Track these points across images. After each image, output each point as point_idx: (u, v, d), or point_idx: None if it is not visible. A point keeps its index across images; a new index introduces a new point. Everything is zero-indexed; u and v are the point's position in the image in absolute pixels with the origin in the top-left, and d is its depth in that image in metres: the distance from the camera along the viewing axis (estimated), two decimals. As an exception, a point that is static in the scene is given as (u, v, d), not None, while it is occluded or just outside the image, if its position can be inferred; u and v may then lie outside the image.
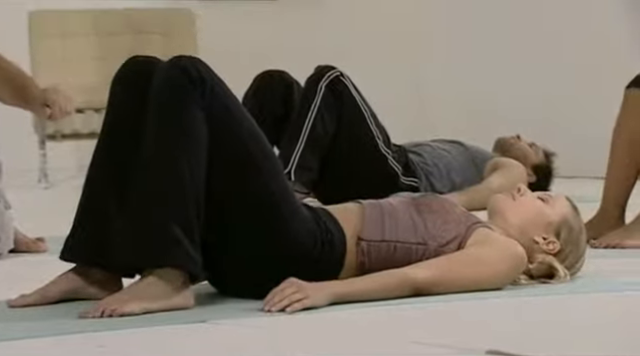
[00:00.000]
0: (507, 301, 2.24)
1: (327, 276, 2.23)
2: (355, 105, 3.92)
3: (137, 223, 2.13)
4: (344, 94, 3.91)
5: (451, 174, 4.10)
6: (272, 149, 2.26)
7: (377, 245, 2.26)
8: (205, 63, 2.20)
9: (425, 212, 2.31)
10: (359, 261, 2.25)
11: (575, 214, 2.42)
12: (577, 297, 2.29)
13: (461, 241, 2.29)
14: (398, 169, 3.97)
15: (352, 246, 2.25)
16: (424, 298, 2.22)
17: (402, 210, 2.31)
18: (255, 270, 2.21)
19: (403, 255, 2.26)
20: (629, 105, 3.19)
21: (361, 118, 3.92)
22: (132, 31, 5.50)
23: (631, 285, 2.39)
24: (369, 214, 2.28)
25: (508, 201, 2.40)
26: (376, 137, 3.93)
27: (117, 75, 2.27)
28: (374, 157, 3.93)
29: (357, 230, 2.26)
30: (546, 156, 4.33)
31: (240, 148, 2.18)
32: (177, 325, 2.05)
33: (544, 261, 2.37)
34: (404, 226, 2.28)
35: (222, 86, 2.19)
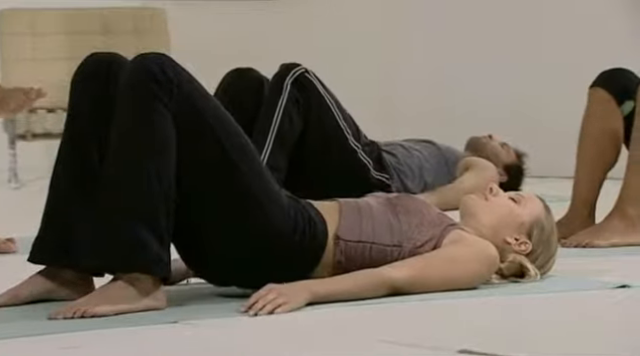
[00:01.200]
0: (478, 300, 2.25)
1: (305, 266, 2.23)
2: (322, 101, 3.92)
3: (103, 227, 2.12)
4: (310, 90, 3.91)
5: (423, 174, 4.11)
6: (247, 139, 2.23)
7: (354, 245, 2.26)
8: (172, 60, 2.17)
9: (401, 213, 2.32)
10: (336, 259, 2.26)
11: (547, 214, 2.43)
12: (547, 296, 2.30)
13: (436, 243, 2.31)
14: (369, 163, 3.98)
15: (331, 243, 2.26)
16: (397, 297, 2.23)
17: (379, 211, 2.31)
18: (236, 257, 2.21)
19: (378, 256, 2.27)
20: (593, 104, 3.22)
21: (329, 113, 3.92)
22: (104, 30, 5.48)
23: (600, 284, 2.41)
24: (346, 213, 2.29)
25: (480, 201, 2.41)
26: (345, 131, 3.94)
27: (77, 73, 2.25)
28: (343, 151, 3.94)
29: (335, 229, 2.27)
30: (517, 156, 4.35)
31: (212, 142, 2.17)
32: (149, 326, 2.04)
33: (515, 260, 2.39)
34: (380, 227, 2.29)
35: (190, 82, 2.17)
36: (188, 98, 2.15)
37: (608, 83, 3.21)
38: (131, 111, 2.14)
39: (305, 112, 3.91)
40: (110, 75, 2.21)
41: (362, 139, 3.99)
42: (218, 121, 2.18)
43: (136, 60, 2.17)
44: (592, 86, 3.25)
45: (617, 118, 3.20)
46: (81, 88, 2.23)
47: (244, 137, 2.22)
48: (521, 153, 4.37)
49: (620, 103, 3.21)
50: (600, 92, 3.21)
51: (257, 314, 2.11)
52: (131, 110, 2.14)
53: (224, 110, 2.22)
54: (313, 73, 3.96)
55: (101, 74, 2.22)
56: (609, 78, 3.22)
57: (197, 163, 2.17)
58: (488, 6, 5.53)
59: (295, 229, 2.21)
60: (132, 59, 2.18)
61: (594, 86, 3.24)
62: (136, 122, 2.13)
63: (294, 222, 2.21)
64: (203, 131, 2.17)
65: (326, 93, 3.94)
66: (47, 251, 2.23)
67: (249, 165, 2.20)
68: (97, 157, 2.21)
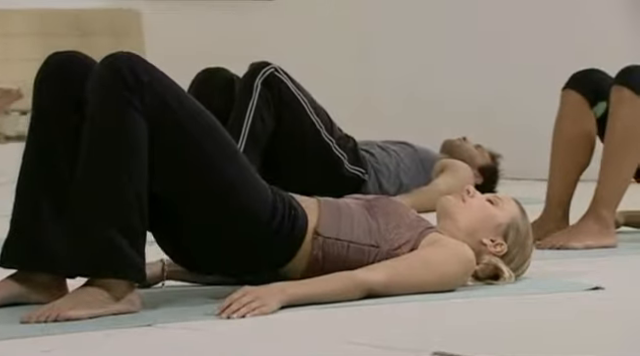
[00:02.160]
0: (453, 302, 2.26)
1: (281, 256, 2.23)
2: (293, 98, 3.93)
3: (77, 232, 2.11)
4: (281, 89, 3.92)
5: (400, 174, 4.12)
6: (223, 131, 2.22)
7: (332, 242, 2.26)
8: (142, 59, 2.15)
9: (379, 215, 2.32)
10: (313, 254, 2.25)
11: (523, 216, 2.44)
12: (521, 298, 2.31)
13: (413, 245, 2.31)
14: (343, 156, 3.99)
15: (309, 237, 2.26)
16: (372, 300, 2.23)
17: (357, 211, 2.32)
18: (213, 244, 2.20)
19: (355, 255, 2.27)
20: (566, 106, 3.24)
21: (301, 110, 3.93)
22: (78, 32, 5.45)
23: (574, 285, 2.42)
24: (326, 211, 2.29)
25: (457, 203, 2.41)
26: (318, 126, 3.94)
27: (39, 73, 2.22)
28: (317, 146, 3.95)
29: (314, 224, 2.27)
30: (492, 158, 4.37)
31: (187, 139, 2.15)
32: (123, 329, 2.04)
33: (490, 262, 2.39)
34: (359, 227, 2.29)
35: (162, 81, 2.15)
36: (160, 98, 2.14)
37: (580, 85, 3.23)
38: (102, 115, 2.13)
39: (277, 111, 3.91)
40: (73, 74, 2.19)
41: (336, 132, 4.00)
42: (191, 116, 2.17)
43: (105, 61, 2.15)
44: (564, 88, 3.27)
45: (590, 120, 3.22)
46: (44, 88, 2.21)
47: (219, 129, 2.20)
48: (495, 155, 4.38)
49: (592, 105, 3.23)
50: (572, 94, 3.23)
51: (230, 317, 2.10)
52: (102, 114, 2.13)
53: (198, 104, 2.20)
54: (283, 71, 3.96)
55: (63, 73, 2.20)
56: (581, 80, 3.24)
57: (173, 160, 2.15)
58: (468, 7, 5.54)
59: (273, 217, 2.20)
60: (101, 60, 2.16)
61: (566, 88, 3.26)
62: (107, 126, 2.12)
63: (272, 210, 2.21)
64: (177, 129, 2.15)
65: (297, 90, 3.95)
66: (17, 255, 2.22)
67: (226, 156, 2.18)
68: (64, 159, 2.19)
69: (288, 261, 2.25)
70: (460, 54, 5.55)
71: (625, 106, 3.08)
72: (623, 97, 3.09)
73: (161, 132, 2.14)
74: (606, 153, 3.11)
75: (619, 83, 3.11)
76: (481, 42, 5.49)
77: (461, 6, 5.53)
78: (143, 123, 2.13)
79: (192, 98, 2.21)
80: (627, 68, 3.15)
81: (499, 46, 5.45)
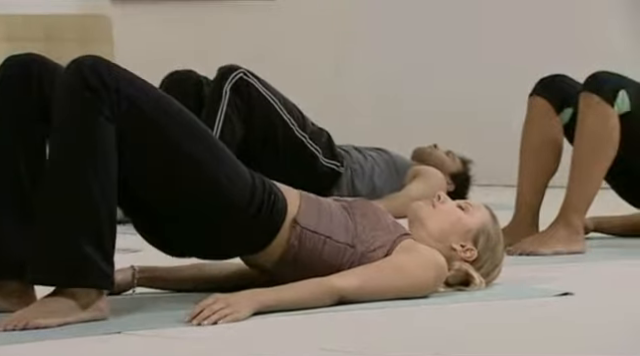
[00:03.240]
0: (423, 308, 2.26)
1: (258, 241, 2.23)
2: (263, 99, 3.93)
3: (46, 242, 2.09)
4: (251, 92, 3.92)
5: (373, 177, 4.14)
6: (197, 122, 2.20)
7: (310, 235, 2.26)
8: (108, 63, 2.13)
9: (357, 216, 2.33)
10: (290, 243, 2.25)
11: (493, 222, 2.45)
12: (491, 303, 2.31)
13: (388, 249, 2.32)
14: (317, 151, 4.00)
15: (287, 225, 2.26)
16: (344, 306, 2.23)
17: (336, 210, 2.33)
18: (190, 227, 2.20)
19: (330, 252, 2.27)
20: (533, 112, 3.26)
21: (272, 110, 3.94)
22: (46, 37, 5.42)
23: (543, 291, 2.43)
24: (306, 203, 2.30)
25: (428, 208, 2.42)
26: (290, 123, 3.95)
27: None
28: (291, 144, 3.96)
29: (294, 213, 2.27)
30: (463, 163, 4.38)
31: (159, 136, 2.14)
32: (92, 337, 2.02)
33: (461, 269, 2.40)
34: (337, 224, 2.30)
35: (131, 83, 2.13)
36: (129, 100, 2.12)
37: (546, 91, 3.25)
38: (68, 122, 2.11)
39: (247, 115, 3.92)
40: (32, 77, 2.18)
41: (308, 127, 4.02)
42: (163, 113, 2.15)
43: (70, 67, 2.13)
44: (531, 94, 3.29)
45: (557, 126, 3.24)
46: (1, 92, 2.19)
47: (194, 122, 2.18)
48: (466, 160, 4.40)
49: (559, 111, 3.25)
50: (539, 101, 3.25)
51: (202, 324, 2.09)
52: (68, 121, 2.11)
53: (169, 99, 2.19)
54: (251, 73, 3.96)
55: (22, 76, 2.18)
56: (547, 86, 3.26)
57: (148, 156, 2.14)
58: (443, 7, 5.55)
59: (251, 201, 2.20)
60: (67, 66, 2.14)
61: (533, 95, 3.28)
62: (75, 134, 2.10)
63: (251, 194, 2.21)
64: (148, 127, 2.14)
65: (266, 90, 3.96)
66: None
67: (202, 145, 2.17)
68: (27, 166, 2.17)
69: (265, 246, 2.25)
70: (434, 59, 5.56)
71: (593, 113, 3.10)
72: (591, 104, 3.11)
73: (133, 133, 2.13)
74: (575, 159, 3.13)
75: (587, 90, 3.13)
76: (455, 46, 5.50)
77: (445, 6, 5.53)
78: (111, 128, 2.11)
79: (163, 94, 2.19)
80: (595, 75, 3.17)
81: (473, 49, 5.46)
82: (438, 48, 5.54)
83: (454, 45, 5.50)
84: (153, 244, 2.28)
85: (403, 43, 5.63)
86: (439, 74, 5.55)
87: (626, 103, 3.11)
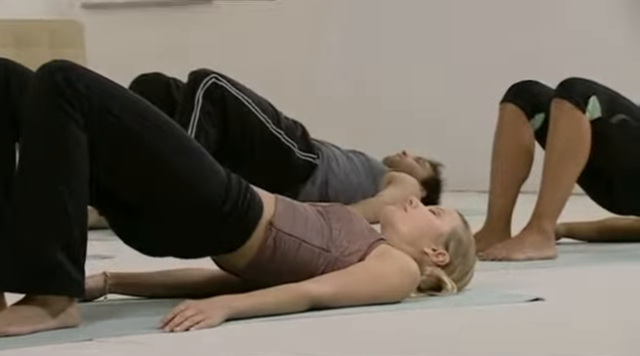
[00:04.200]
0: (394, 314, 2.27)
1: (231, 240, 2.23)
2: (238, 102, 3.94)
3: (15, 248, 2.08)
4: (224, 97, 3.92)
5: (349, 174, 4.16)
6: (169, 121, 2.19)
7: (285, 238, 2.26)
8: (77, 67, 2.12)
9: (333, 220, 2.33)
10: (265, 244, 2.25)
11: (465, 227, 2.46)
12: (462, 309, 2.32)
13: (363, 255, 2.32)
14: (293, 145, 4.01)
15: (263, 227, 2.26)
16: (317, 311, 2.23)
17: (312, 214, 2.33)
18: (164, 226, 2.20)
19: (305, 255, 2.27)
20: (505, 119, 3.27)
21: (246, 112, 3.94)
22: (17, 43, 5.39)
23: (515, 297, 2.44)
24: (281, 206, 2.30)
25: (399, 212, 2.43)
26: (265, 122, 3.96)
27: None
28: (267, 140, 3.98)
29: (270, 215, 2.27)
30: (433, 168, 4.39)
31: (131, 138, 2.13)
32: (63, 343, 2.01)
33: (432, 274, 2.40)
34: (312, 228, 2.30)
35: (103, 88, 2.12)
36: (99, 104, 2.11)
37: (517, 98, 3.27)
38: (40, 128, 2.09)
39: (222, 119, 3.92)
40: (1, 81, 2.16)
41: (283, 122, 4.03)
42: (134, 114, 2.15)
43: (41, 72, 2.11)
44: (502, 101, 3.30)
45: (528, 132, 3.26)
46: None
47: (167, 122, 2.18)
48: (436, 164, 4.41)
49: (530, 117, 3.26)
50: (510, 107, 3.27)
51: (174, 330, 2.08)
52: (40, 127, 2.09)
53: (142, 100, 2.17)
54: (223, 76, 3.95)
55: None
56: (518, 93, 3.28)
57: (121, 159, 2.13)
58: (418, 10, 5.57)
59: (226, 199, 2.20)
60: (37, 70, 2.13)
61: (504, 101, 3.29)
62: (46, 139, 2.09)
63: (226, 192, 2.21)
64: (121, 130, 2.13)
65: (240, 92, 3.96)
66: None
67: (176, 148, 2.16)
68: None
69: (239, 245, 2.25)
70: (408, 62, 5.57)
71: (565, 118, 3.12)
72: (563, 109, 3.13)
73: (105, 136, 2.12)
74: (547, 165, 3.15)
75: (559, 96, 3.15)
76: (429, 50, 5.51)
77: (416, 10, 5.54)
78: (82, 133, 2.10)
79: (135, 95, 2.19)
80: (566, 81, 3.19)
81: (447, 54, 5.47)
82: (413, 51, 5.55)
83: (428, 49, 5.52)
84: (129, 243, 2.27)
85: (377, 45, 5.64)
86: (413, 79, 5.56)
87: (597, 109, 3.13)
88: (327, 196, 4.08)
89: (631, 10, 4.92)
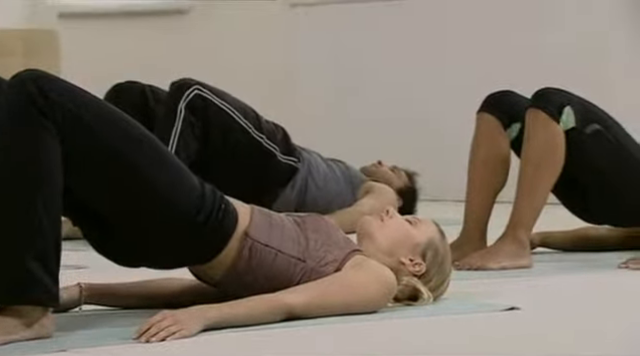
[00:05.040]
0: (371, 324, 2.27)
1: (206, 251, 2.22)
2: (220, 112, 3.94)
3: None
4: (207, 107, 3.92)
5: (329, 181, 4.16)
6: (148, 135, 2.19)
7: (261, 248, 2.26)
8: (49, 76, 2.11)
9: (309, 230, 2.33)
10: (241, 254, 2.25)
11: (441, 237, 2.46)
12: (438, 318, 2.33)
13: (339, 265, 2.32)
14: (275, 149, 4.03)
15: (238, 237, 2.25)
16: (293, 321, 2.23)
17: (288, 224, 2.33)
18: (140, 237, 2.19)
19: (281, 266, 2.27)
20: (481, 129, 3.29)
21: (229, 119, 3.95)
22: (-8, 52, 5.36)
23: (490, 306, 2.44)
24: (258, 216, 2.30)
25: (376, 222, 2.43)
26: (247, 128, 3.97)
27: None
28: (249, 146, 3.98)
29: (245, 226, 2.26)
30: (409, 177, 4.40)
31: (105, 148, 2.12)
32: (37, 354, 2.00)
33: (409, 283, 2.41)
34: (288, 238, 2.29)
35: (77, 98, 2.11)
36: (72, 113, 2.10)
37: (494, 108, 3.28)
38: (14, 138, 2.08)
39: (204, 128, 3.92)
40: None
41: (264, 126, 4.04)
42: (108, 125, 2.14)
43: (14, 82, 2.10)
44: (479, 111, 3.32)
45: (504, 142, 3.28)
46: None
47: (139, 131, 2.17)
48: (411, 173, 4.42)
49: (506, 127, 3.28)
50: (487, 117, 3.28)
51: (149, 341, 2.08)
52: (13, 137, 2.08)
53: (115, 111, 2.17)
54: (205, 86, 3.96)
55: None
56: (494, 103, 3.29)
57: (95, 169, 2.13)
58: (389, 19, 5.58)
59: (200, 209, 2.20)
60: (9, 81, 2.12)
61: (480, 111, 3.31)
62: (20, 150, 2.08)
63: (200, 202, 2.20)
64: (94, 141, 2.12)
65: (222, 101, 3.96)
66: None
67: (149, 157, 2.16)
68: None
69: (214, 256, 2.24)
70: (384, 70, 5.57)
71: (540, 128, 3.14)
72: (538, 120, 3.14)
73: (79, 146, 2.11)
74: (522, 175, 3.16)
75: (534, 106, 3.17)
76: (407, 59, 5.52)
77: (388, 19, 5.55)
78: (56, 143, 2.10)
79: (109, 105, 2.18)
80: (541, 91, 3.21)
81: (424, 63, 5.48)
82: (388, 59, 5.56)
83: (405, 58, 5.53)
84: (103, 254, 2.26)
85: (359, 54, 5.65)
86: (389, 89, 5.57)
87: (571, 119, 3.15)
88: (305, 202, 4.09)
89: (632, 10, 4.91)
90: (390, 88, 5.56)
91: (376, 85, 5.60)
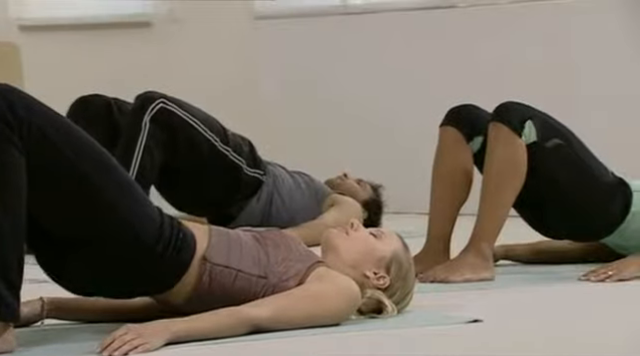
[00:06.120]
0: (334, 336, 2.27)
1: (166, 279, 2.22)
2: (186, 124, 3.94)
3: None
4: (172, 120, 3.92)
5: (294, 195, 4.16)
6: (107, 156, 2.19)
7: (220, 270, 2.25)
8: (18, 92, 2.11)
9: (269, 246, 2.33)
10: (202, 280, 2.24)
11: (405, 250, 2.47)
12: (402, 331, 2.33)
13: (301, 278, 2.32)
14: (241, 161, 4.02)
15: (197, 263, 2.25)
16: (257, 335, 2.22)
17: (247, 241, 2.32)
18: (95, 265, 2.18)
19: (243, 285, 2.27)
20: (444, 141, 3.31)
21: (194, 132, 3.95)
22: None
23: (453, 318, 2.46)
24: (216, 238, 2.29)
25: (341, 235, 2.44)
26: (212, 141, 3.97)
27: None
28: (214, 158, 3.98)
29: (203, 250, 2.26)
30: (374, 190, 4.42)
31: (68, 169, 2.12)
32: (0, 370, 1.98)
33: (373, 296, 2.41)
34: (248, 257, 2.29)
35: (44, 115, 2.11)
36: (40, 131, 2.10)
37: (456, 121, 3.30)
38: None
39: (169, 141, 3.92)
40: None
41: (230, 139, 4.04)
42: (74, 146, 2.14)
43: None
44: (442, 125, 3.34)
45: (467, 155, 3.30)
46: None
47: (104, 156, 2.17)
48: (376, 186, 4.43)
49: (469, 140, 3.30)
50: (450, 130, 3.30)
51: (112, 355, 2.06)
52: None
53: (81, 132, 2.16)
54: (171, 99, 3.95)
55: None
56: (457, 116, 3.31)
57: (57, 190, 2.12)
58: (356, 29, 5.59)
59: (159, 240, 2.19)
60: None
61: (443, 125, 3.33)
62: None
63: (159, 233, 2.19)
64: (59, 159, 2.12)
65: (187, 114, 3.96)
66: None
67: (111, 183, 2.16)
68: None
69: (174, 285, 2.24)
70: (345, 89, 5.59)
71: (502, 142, 3.16)
72: (500, 133, 3.16)
73: (42, 164, 2.10)
74: (484, 188, 3.18)
75: (496, 119, 3.19)
76: (366, 71, 5.53)
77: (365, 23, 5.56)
78: (22, 160, 2.09)
79: (75, 127, 2.17)
80: (503, 105, 3.23)
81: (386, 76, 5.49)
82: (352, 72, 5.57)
83: (369, 71, 5.54)
84: (58, 282, 2.25)
85: (315, 65, 5.66)
86: (352, 101, 5.58)
87: (533, 133, 3.18)
88: (270, 214, 4.09)
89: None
90: (354, 101, 5.57)
91: (339, 98, 5.60)
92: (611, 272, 3.06)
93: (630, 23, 4.89)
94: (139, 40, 5.82)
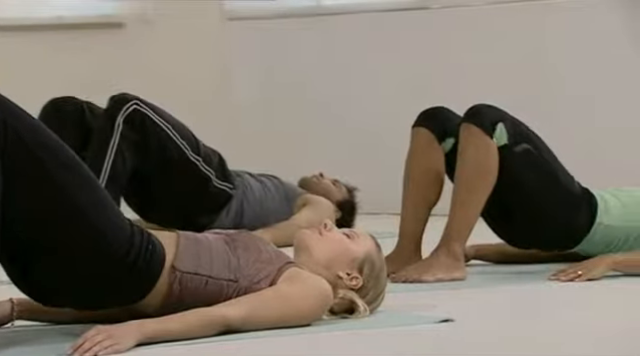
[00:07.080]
0: (306, 337, 2.27)
1: (136, 291, 2.21)
2: (158, 128, 3.93)
3: None
4: (145, 123, 3.90)
5: (264, 202, 4.16)
6: (82, 166, 2.18)
7: (190, 277, 2.25)
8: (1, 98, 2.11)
9: (239, 249, 2.32)
10: (172, 289, 2.24)
11: (378, 251, 2.48)
12: (375, 331, 2.34)
13: (272, 279, 2.32)
14: (210, 173, 4.01)
15: (166, 272, 2.24)
16: (230, 335, 2.22)
17: (217, 245, 2.32)
18: (65, 277, 2.17)
19: (214, 290, 2.27)
20: (416, 143, 3.32)
21: (166, 138, 3.94)
22: None
23: (425, 318, 2.46)
24: (184, 245, 2.28)
25: (314, 236, 2.44)
26: (183, 148, 3.96)
27: None
28: (184, 167, 3.97)
29: (172, 259, 2.25)
30: (349, 191, 4.43)
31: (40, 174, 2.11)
32: (-31, 371, 1.97)
33: (345, 297, 2.42)
34: (218, 261, 2.29)
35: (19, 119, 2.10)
36: (16, 135, 2.10)
37: (429, 122, 3.32)
38: None
39: (141, 144, 3.90)
40: None
41: (202, 150, 4.03)
42: (46, 151, 2.13)
43: None
44: (414, 126, 3.35)
45: (439, 156, 3.31)
46: None
47: (77, 163, 2.16)
48: (352, 188, 4.44)
49: (441, 141, 3.31)
50: (422, 131, 3.32)
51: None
52: None
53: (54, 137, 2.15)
54: (144, 102, 3.94)
55: None
56: (429, 117, 3.33)
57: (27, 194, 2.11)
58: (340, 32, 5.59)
59: (128, 253, 2.18)
60: None
61: (416, 126, 3.34)
62: None
63: (129, 246, 2.19)
64: (31, 164, 2.11)
65: (160, 119, 3.94)
66: None
67: (81, 190, 2.15)
68: None
69: (144, 296, 2.23)
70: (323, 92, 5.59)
71: (473, 143, 3.17)
72: (472, 134, 3.18)
73: (16, 169, 2.09)
74: (456, 189, 3.19)
75: (468, 121, 3.20)
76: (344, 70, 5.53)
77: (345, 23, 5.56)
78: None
79: (48, 131, 2.17)
80: (475, 107, 3.24)
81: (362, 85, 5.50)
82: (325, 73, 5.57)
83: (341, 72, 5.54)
84: (25, 292, 2.23)
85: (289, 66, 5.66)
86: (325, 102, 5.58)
87: (504, 136, 3.19)
88: (242, 225, 4.07)
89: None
90: (326, 102, 5.57)
91: (312, 99, 5.61)
92: (580, 272, 3.08)
93: (607, 21, 4.92)
94: (111, 41, 5.80)
